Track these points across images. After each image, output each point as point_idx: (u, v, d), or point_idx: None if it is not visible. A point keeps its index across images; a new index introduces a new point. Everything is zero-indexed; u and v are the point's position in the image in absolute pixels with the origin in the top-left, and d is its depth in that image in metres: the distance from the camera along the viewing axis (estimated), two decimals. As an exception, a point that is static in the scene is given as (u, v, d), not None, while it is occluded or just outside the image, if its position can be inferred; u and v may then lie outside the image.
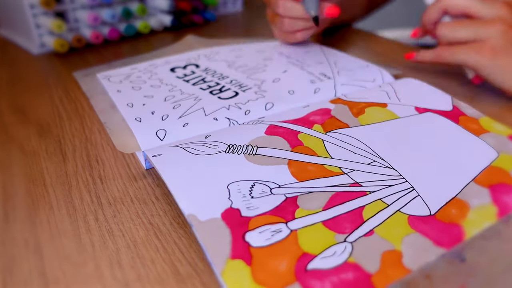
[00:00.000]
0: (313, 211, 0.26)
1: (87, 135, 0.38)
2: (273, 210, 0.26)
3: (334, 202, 0.27)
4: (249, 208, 0.26)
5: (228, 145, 0.31)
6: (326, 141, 0.32)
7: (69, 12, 0.60)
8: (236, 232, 0.24)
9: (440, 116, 0.35)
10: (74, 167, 0.34)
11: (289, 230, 0.25)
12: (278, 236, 0.24)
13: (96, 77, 0.47)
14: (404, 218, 0.26)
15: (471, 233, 0.25)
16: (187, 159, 0.30)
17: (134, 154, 0.35)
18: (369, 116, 0.35)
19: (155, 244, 0.26)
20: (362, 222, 0.25)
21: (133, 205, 0.29)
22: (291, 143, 0.32)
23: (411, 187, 0.28)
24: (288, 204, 0.26)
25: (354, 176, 0.29)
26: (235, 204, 0.26)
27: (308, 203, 0.27)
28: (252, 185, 0.28)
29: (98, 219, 0.28)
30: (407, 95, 0.39)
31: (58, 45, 0.57)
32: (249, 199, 0.26)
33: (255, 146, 0.31)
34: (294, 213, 0.26)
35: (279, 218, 0.25)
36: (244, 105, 0.38)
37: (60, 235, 0.27)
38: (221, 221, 0.25)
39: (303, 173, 0.29)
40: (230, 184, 0.28)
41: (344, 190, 0.28)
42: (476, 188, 0.28)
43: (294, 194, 0.27)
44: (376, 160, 0.31)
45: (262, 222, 0.25)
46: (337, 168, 0.30)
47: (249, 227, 0.25)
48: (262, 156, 0.30)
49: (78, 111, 0.42)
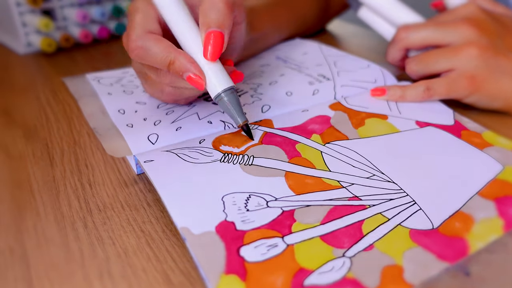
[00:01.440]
0: (311, 225, 0.26)
1: (75, 138, 0.38)
2: (269, 223, 0.26)
3: (332, 216, 0.27)
4: (244, 221, 0.26)
5: (224, 154, 0.32)
6: (324, 153, 0.33)
7: (57, 10, 0.60)
8: (230, 246, 0.24)
9: (441, 130, 0.36)
10: (62, 171, 0.34)
11: (286, 244, 0.25)
12: (274, 251, 0.24)
13: (85, 78, 0.47)
14: (406, 232, 0.26)
15: (476, 246, 0.25)
16: (181, 167, 0.30)
17: (125, 158, 0.35)
18: (369, 129, 0.36)
19: (147, 252, 0.26)
20: (362, 237, 0.26)
21: (123, 212, 0.29)
22: (288, 153, 0.32)
23: (412, 201, 0.28)
24: (285, 218, 0.27)
25: (353, 190, 0.29)
26: (230, 217, 0.26)
27: (306, 217, 0.27)
28: (248, 197, 0.28)
29: (87, 226, 0.28)
30: (408, 107, 0.39)
31: (45, 44, 0.57)
32: (245, 212, 0.27)
33: (252, 156, 0.32)
34: (291, 227, 0.26)
35: (275, 232, 0.26)
36: (240, 108, 0.38)
37: (47, 243, 0.27)
38: (215, 235, 0.25)
39: (300, 186, 0.29)
40: (225, 196, 0.28)
41: (343, 204, 0.28)
42: (481, 201, 0.28)
43: (291, 207, 0.27)
44: (376, 174, 0.31)
45: (258, 236, 0.25)
46: (335, 181, 0.30)
47: (244, 241, 0.25)
48: (258, 166, 0.31)
49: (66, 113, 0.42)
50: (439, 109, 0.39)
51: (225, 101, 0.32)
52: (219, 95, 0.32)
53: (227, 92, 0.32)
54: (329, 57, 0.50)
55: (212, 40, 0.31)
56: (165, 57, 0.32)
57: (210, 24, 0.32)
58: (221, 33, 0.32)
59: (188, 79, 0.32)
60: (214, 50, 0.31)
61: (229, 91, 0.32)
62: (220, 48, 0.32)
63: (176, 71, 0.32)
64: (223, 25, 0.32)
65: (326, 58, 0.50)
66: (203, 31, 0.32)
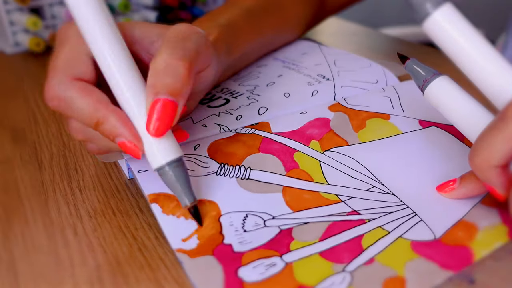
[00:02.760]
0: (309, 243, 0.26)
1: (65, 141, 0.38)
2: (267, 243, 0.26)
3: (331, 232, 0.27)
4: (242, 242, 0.26)
5: (220, 164, 0.32)
6: (323, 163, 0.33)
7: (46, 8, 0.60)
8: (228, 268, 0.25)
9: (445, 132, 0.36)
10: (51, 176, 0.34)
11: (284, 263, 0.25)
12: (272, 270, 0.25)
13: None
14: (407, 243, 0.26)
15: (481, 254, 0.25)
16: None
17: (116, 162, 0.35)
18: (369, 131, 0.36)
19: (139, 260, 0.26)
20: (362, 251, 0.26)
21: (115, 218, 0.29)
22: (286, 165, 0.32)
23: (413, 213, 0.29)
24: (283, 237, 0.27)
25: (352, 204, 0.30)
26: (227, 239, 0.27)
27: (304, 234, 0.27)
28: (245, 216, 0.28)
29: (77, 233, 0.28)
30: (411, 105, 0.39)
31: (33, 44, 0.58)
32: (242, 233, 0.27)
33: (248, 167, 0.32)
34: (289, 245, 0.26)
35: (273, 251, 0.26)
36: (236, 111, 0.38)
37: (36, 251, 0.27)
38: (213, 259, 0.25)
39: (298, 202, 0.30)
40: (221, 216, 0.28)
41: (342, 219, 0.28)
42: (484, 209, 0.29)
43: (288, 225, 0.28)
44: (376, 186, 0.31)
45: (256, 256, 0.25)
46: (334, 195, 0.30)
47: (242, 262, 0.25)
48: (255, 181, 0.31)
49: (55, 115, 0.43)
50: None
51: (170, 175, 0.27)
52: (162, 168, 0.27)
53: (172, 165, 0.27)
54: (329, 56, 0.50)
55: (159, 111, 0.26)
56: (91, 115, 0.26)
57: (160, 89, 0.26)
58: (174, 103, 0.26)
59: (121, 145, 0.27)
60: (161, 124, 0.26)
61: (176, 163, 0.27)
62: (169, 122, 0.26)
63: (106, 134, 0.27)
64: (178, 93, 0.26)
65: (325, 57, 0.50)
66: (150, 96, 0.26)
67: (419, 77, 0.30)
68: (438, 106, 0.29)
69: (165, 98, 0.26)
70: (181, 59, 0.27)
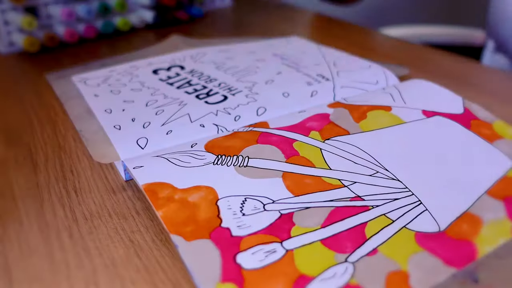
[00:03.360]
0: (311, 229, 0.26)
1: (60, 143, 0.38)
2: (267, 228, 0.26)
3: (333, 219, 0.27)
4: (240, 226, 0.26)
5: (217, 156, 0.32)
6: (324, 150, 0.33)
7: (41, 7, 0.60)
8: (226, 253, 0.24)
9: (449, 120, 0.36)
10: (46, 178, 0.34)
11: (285, 250, 0.25)
12: (272, 257, 0.24)
13: (71, 80, 0.47)
14: (411, 235, 0.26)
15: (485, 250, 0.25)
16: (171, 171, 0.30)
17: (113, 164, 0.35)
18: (371, 122, 0.36)
19: (136, 263, 0.26)
20: (365, 240, 0.26)
21: (111, 220, 0.29)
22: (285, 153, 0.32)
23: (418, 201, 0.28)
24: (283, 222, 0.27)
25: (355, 189, 0.29)
26: (224, 223, 0.26)
27: (305, 220, 0.27)
28: (243, 200, 0.28)
29: (73, 236, 0.28)
30: (413, 97, 0.39)
31: (28, 43, 0.58)
32: (240, 217, 0.27)
33: (246, 156, 0.32)
34: (289, 231, 0.26)
35: (273, 237, 0.25)
36: (234, 110, 0.39)
37: (30, 254, 0.27)
38: (210, 242, 0.25)
39: (299, 186, 0.29)
40: (219, 200, 0.28)
41: (345, 205, 0.28)
42: (489, 201, 0.28)
43: (289, 210, 0.27)
44: (380, 171, 0.31)
45: (255, 242, 0.25)
46: (336, 180, 0.30)
47: (241, 248, 0.25)
48: (253, 168, 0.31)
49: (51, 116, 0.43)
50: (447, 97, 0.39)
51: None
52: None
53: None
54: (329, 57, 0.50)
55: None
56: None
57: None
58: None
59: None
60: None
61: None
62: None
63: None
64: None
65: (325, 57, 0.50)
66: None
67: None
68: None
69: None
70: None
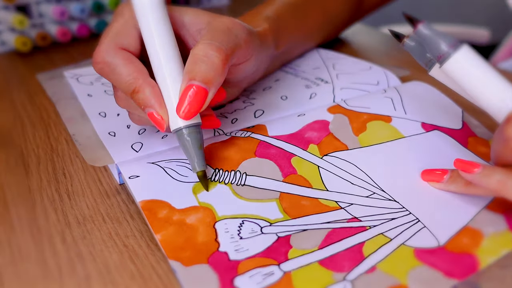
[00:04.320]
0: (308, 251, 0.27)
1: (53, 145, 0.38)
2: (264, 251, 0.27)
3: (330, 240, 0.27)
4: (238, 250, 0.27)
5: (214, 170, 0.32)
6: (322, 168, 0.33)
7: (33, 5, 0.60)
8: (224, 277, 0.25)
9: (447, 136, 0.36)
10: (38, 181, 0.34)
11: (282, 272, 0.25)
12: (270, 279, 0.25)
13: (63, 80, 0.47)
14: (410, 251, 0.27)
15: (487, 261, 0.26)
16: (169, 187, 0.30)
17: (106, 167, 0.35)
18: (370, 134, 0.36)
19: (130, 269, 0.26)
20: (363, 259, 0.26)
21: (105, 225, 0.29)
22: (283, 170, 0.33)
23: (415, 219, 0.29)
24: (280, 245, 0.27)
25: (352, 210, 0.30)
26: (222, 247, 0.27)
27: (302, 242, 0.27)
28: (241, 223, 0.28)
29: (65, 241, 0.28)
30: (414, 106, 0.40)
31: (20, 43, 0.58)
32: (238, 240, 0.27)
33: (244, 173, 0.32)
34: (287, 254, 0.26)
35: (271, 260, 0.26)
36: (231, 114, 0.39)
37: (22, 259, 0.27)
38: (208, 267, 0.25)
39: (296, 208, 0.30)
40: (216, 222, 0.28)
41: (342, 226, 0.28)
42: (489, 216, 0.29)
43: (286, 233, 0.28)
44: (376, 192, 0.31)
45: (253, 265, 0.26)
46: (333, 202, 0.30)
47: (239, 271, 0.25)
48: (251, 187, 0.31)
49: (43, 118, 0.43)
50: (448, 107, 0.39)
51: (186, 139, 0.30)
52: (180, 130, 0.30)
53: (189, 129, 0.30)
54: (328, 60, 0.50)
55: (191, 96, 0.29)
56: (129, 83, 0.30)
57: (196, 75, 0.29)
58: (205, 90, 0.29)
59: (150, 115, 0.30)
60: (191, 108, 0.29)
61: (192, 129, 0.30)
62: (198, 107, 0.29)
63: (139, 103, 0.30)
64: (210, 82, 0.29)
65: (324, 60, 0.50)
66: (185, 80, 0.29)
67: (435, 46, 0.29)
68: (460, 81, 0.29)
69: (197, 85, 0.29)
70: (217, 50, 0.30)
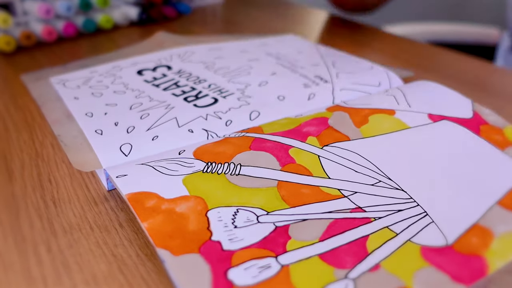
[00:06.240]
0: (308, 243, 0.26)
1: (37, 149, 0.38)
2: (261, 242, 0.26)
3: (332, 232, 0.27)
4: (232, 240, 0.26)
5: (206, 163, 0.32)
6: (322, 157, 0.33)
7: (16, 3, 0.60)
8: (217, 268, 0.24)
9: (457, 125, 0.36)
10: (22, 187, 0.34)
11: (280, 265, 0.25)
12: (266, 273, 0.24)
13: (49, 81, 0.47)
14: (416, 249, 0.26)
15: (496, 266, 0.26)
16: (157, 180, 0.30)
17: (94, 172, 0.35)
18: (373, 127, 0.36)
19: (119, 280, 0.26)
20: (366, 255, 0.26)
21: (92, 233, 0.29)
22: (280, 160, 0.32)
23: (423, 212, 0.29)
24: (278, 235, 0.27)
25: (356, 199, 0.29)
26: (215, 236, 0.26)
27: (302, 233, 0.27)
28: (236, 212, 0.28)
29: (51, 250, 0.28)
30: (419, 100, 0.39)
31: (3, 42, 0.58)
32: (232, 229, 0.27)
33: (238, 164, 0.32)
34: (285, 245, 0.26)
35: (268, 251, 0.26)
36: (225, 114, 0.39)
37: (5, 269, 0.27)
38: (199, 257, 0.25)
39: (295, 196, 0.29)
40: (209, 211, 0.28)
41: (345, 217, 0.28)
42: (501, 212, 0.29)
43: (285, 222, 0.28)
44: (382, 180, 0.31)
45: (248, 256, 0.25)
46: (335, 190, 0.30)
47: (233, 263, 0.25)
48: (246, 176, 0.31)
49: (28, 121, 0.43)
50: (456, 100, 0.39)
51: None
52: None
53: None
54: (327, 57, 0.50)
55: None
56: None
57: None
58: None
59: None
60: None
61: None
62: None
63: None
64: None
65: (323, 58, 0.50)
66: None
67: None
68: None
69: None
70: None
